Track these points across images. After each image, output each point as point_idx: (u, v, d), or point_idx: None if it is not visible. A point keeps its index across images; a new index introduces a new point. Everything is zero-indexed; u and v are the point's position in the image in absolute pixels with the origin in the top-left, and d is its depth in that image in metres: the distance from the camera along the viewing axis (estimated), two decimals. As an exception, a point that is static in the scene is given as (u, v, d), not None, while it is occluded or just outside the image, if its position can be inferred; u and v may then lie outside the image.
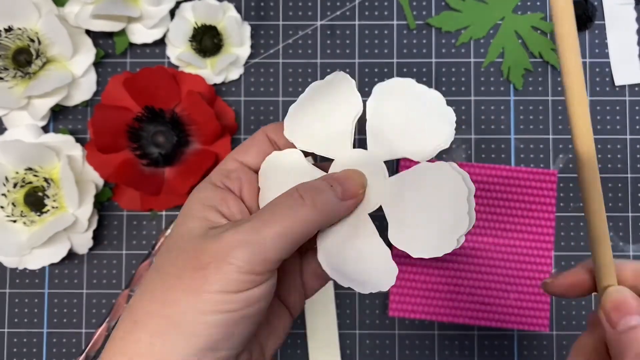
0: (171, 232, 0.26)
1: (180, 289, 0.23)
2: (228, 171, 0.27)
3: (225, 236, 0.24)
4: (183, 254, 0.24)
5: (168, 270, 0.24)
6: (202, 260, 0.23)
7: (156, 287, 0.24)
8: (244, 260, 0.23)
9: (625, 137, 0.47)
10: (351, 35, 0.47)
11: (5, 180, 0.43)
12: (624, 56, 0.47)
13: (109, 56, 0.48)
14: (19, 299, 0.46)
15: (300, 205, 0.24)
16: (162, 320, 0.23)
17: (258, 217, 0.24)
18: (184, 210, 0.26)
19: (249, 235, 0.23)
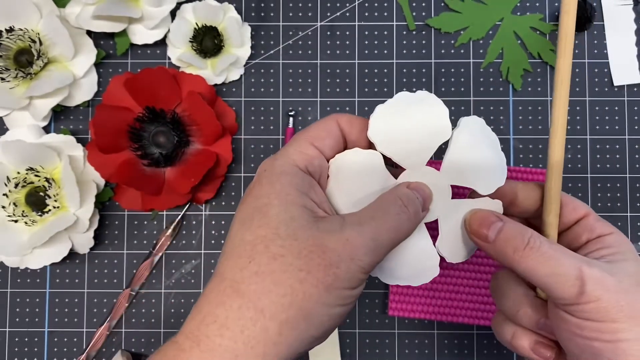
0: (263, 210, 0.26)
1: (313, 283, 0.25)
2: (311, 157, 0.28)
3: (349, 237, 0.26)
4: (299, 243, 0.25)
5: (290, 259, 0.25)
6: (332, 259, 0.25)
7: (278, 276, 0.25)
8: (367, 262, 0.26)
9: (624, 137, 0.47)
10: (351, 36, 0.48)
11: (6, 180, 0.43)
12: (622, 57, 0.47)
13: (110, 57, 0.48)
14: (20, 299, 0.47)
15: (406, 215, 0.27)
16: (294, 312, 0.24)
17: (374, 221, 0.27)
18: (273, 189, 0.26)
19: (370, 240, 0.26)
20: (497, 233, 0.28)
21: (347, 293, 0.26)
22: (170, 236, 0.46)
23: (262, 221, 0.26)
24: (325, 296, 0.25)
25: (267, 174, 0.27)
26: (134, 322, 0.46)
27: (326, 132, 0.29)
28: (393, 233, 0.27)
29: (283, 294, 0.24)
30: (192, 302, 0.46)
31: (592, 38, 0.47)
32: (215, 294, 0.25)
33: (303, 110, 0.47)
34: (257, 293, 0.24)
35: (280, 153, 0.28)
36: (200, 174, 0.43)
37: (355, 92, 0.47)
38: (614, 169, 0.47)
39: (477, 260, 0.45)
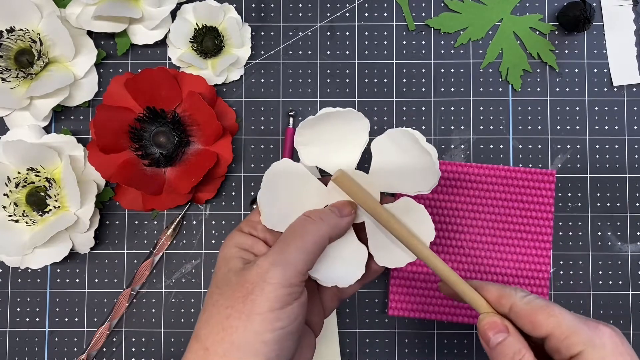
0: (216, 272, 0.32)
1: (236, 316, 0.28)
2: (255, 223, 0.33)
3: (258, 263, 0.29)
4: (230, 286, 0.29)
5: (221, 302, 0.29)
6: (247, 288, 0.28)
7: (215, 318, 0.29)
8: (278, 277, 0.28)
9: (623, 137, 0.47)
10: (351, 37, 0.48)
11: (7, 180, 0.43)
12: (622, 57, 0.47)
13: (111, 57, 0.48)
14: (21, 298, 0.47)
15: (311, 223, 0.31)
16: (228, 345, 0.28)
17: (280, 241, 0.30)
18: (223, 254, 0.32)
19: (276, 256, 0.29)
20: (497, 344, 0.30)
21: (272, 315, 0.28)
22: (170, 236, 0.46)
23: (213, 280, 0.31)
24: (249, 325, 0.28)
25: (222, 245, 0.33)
26: (134, 321, 0.46)
27: None
28: (299, 241, 0.30)
29: (217, 331, 0.28)
30: (192, 301, 0.46)
31: (591, 38, 0.47)
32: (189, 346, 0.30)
33: (303, 110, 0.47)
34: (205, 335, 0.29)
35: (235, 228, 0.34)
36: (201, 174, 0.43)
37: (355, 92, 0.47)
38: (614, 169, 0.47)
39: (476, 259, 0.45)
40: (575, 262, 0.46)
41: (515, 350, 0.29)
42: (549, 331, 0.29)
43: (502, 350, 0.30)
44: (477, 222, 0.45)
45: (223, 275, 0.31)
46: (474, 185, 0.45)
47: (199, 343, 0.29)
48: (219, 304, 0.29)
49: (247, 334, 0.28)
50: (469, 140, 0.47)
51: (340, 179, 0.33)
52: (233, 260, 0.31)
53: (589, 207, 0.46)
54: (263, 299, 0.28)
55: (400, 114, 0.47)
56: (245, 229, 0.34)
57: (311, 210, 0.32)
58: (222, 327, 0.28)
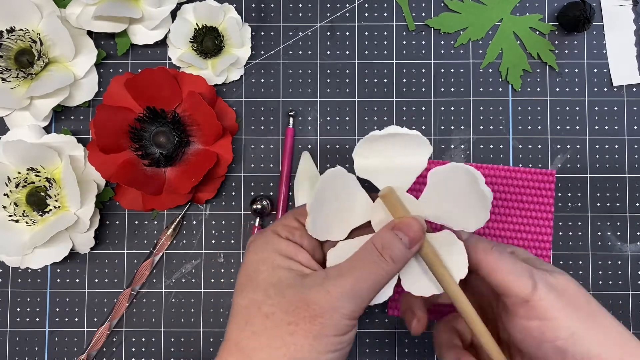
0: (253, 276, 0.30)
1: (302, 335, 0.28)
2: (293, 228, 0.32)
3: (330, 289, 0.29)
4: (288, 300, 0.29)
5: (280, 317, 0.29)
6: (316, 310, 0.28)
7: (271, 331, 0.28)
8: (350, 309, 0.29)
9: (623, 138, 0.47)
10: (351, 37, 0.48)
11: (7, 180, 0.43)
12: (621, 57, 0.47)
13: (111, 57, 0.48)
14: (21, 298, 0.47)
15: (383, 262, 0.30)
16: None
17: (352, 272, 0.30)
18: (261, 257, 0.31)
19: (350, 290, 0.29)
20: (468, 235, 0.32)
21: (336, 340, 0.29)
22: (170, 236, 0.46)
23: (253, 286, 0.30)
24: (315, 345, 0.28)
25: (254, 244, 0.32)
26: (134, 321, 0.46)
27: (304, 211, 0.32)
28: (371, 282, 0.30)
29: (277, 347, 0.28)
30: (192, 301, 0.46)
31: (591, 38, 0.47)
32: (224, 354, 0.29)
33: (303, 110, 0.47)
34: (255, 350, 0.28)
35: (267, 227, 0.33)
36: (201, 174, 0.43)
37: (355, 92, 0.47)
38: (614, 169, 0.47)
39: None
40: (575, 262, 0.46)
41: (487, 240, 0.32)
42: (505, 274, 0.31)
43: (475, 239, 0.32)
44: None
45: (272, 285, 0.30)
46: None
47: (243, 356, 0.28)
48: (276, 318, 0.29)
49: (311, 353, 0.28)
50: (469, 140, 0.47)
51: (388, 196, 0.32)
52: (281, 270, 0.30)
53: (589, 207, 0.46)
54: (332, 325, 0.28)
55: (400, 114, 0.47)
56: (283, 233, 0.32)
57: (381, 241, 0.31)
58: (283, 343, 0.28)
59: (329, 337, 0.28)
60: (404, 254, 0.31)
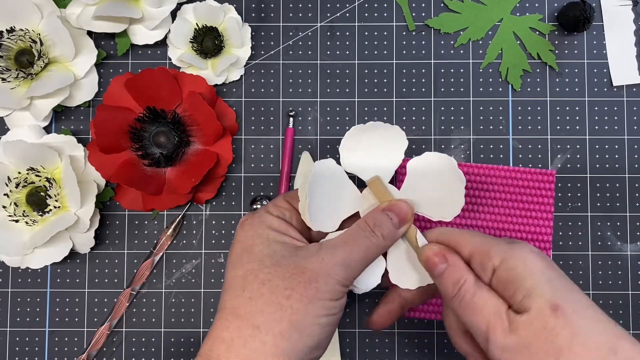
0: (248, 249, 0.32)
1: (298, 298, 0.29)
2: (284, 209, 0.34)
3: (324, 257, 0.31)
4: (284, 268, 0.30)
5: (276, 282, 0.30)
6: (311, 276, 0.30)
7: (268, 296, 0.30)
8: (342, 275, 0.31)
9: (623, 138, 0.47)
10: (351, 37, 0.48)
11: (7, 180, 0.43)
12: (621, 57, 0.47)
13: (111, 57, 0.48)
14: (21, 298, 0.47)
15: (374, 237, 0.32)
16: (286, 325, 0.29)
17: (346, 245, 0.32)
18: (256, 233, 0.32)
19: (343, 260, 0.31)
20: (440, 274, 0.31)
21: (330, 304, 0.30)
22: (170, 236, 0.46)
23: (249, 258, 0.31)
24: (310, 308, 0.29)
25: (248, 221, 0.33)
26: (134, 321, 0.46)
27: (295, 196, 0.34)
28: (362, 254, 0.32)
29: (274, 311, 0.29)
30: (192, 301, 0.46)
31: (591, 38, 0.47)
32: (221, 321, 0.30)
33: (303, 110, 0.47)
34: (252, 314, 0.29)
35: (259, 209, 0.35)
36: (201, 174, 0.43)
37: (355, 92, 0.47)
38: (613, 169, 0.47)
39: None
40: (575, 262, 0.46)
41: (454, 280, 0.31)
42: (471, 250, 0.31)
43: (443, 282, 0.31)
44: (477, 222, 0.45)
45: (268, 256, 0.31)
46: (474, 185, 0.45)
47: (241, 320, 0.29)
48: (272, 284, 0.30)
49: (307, 316, 0.29)
50: (469, 140, 0.47)
51: (374, 184, 0.35)
52: (276, 243, 0.32)
53: (589, 207, 0.46)
54: (327, 289, 0.30)
55: (400, 114, 0.47)
56: (274, 212, 0.34)
57: (372, 219, 0.33)
58: (280, 307, 0.29)
59: (323, 300, 0.30)
60: (393, 232, 0.33)
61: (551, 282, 0.28)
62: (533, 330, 0.27)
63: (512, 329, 0.28)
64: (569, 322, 0.27)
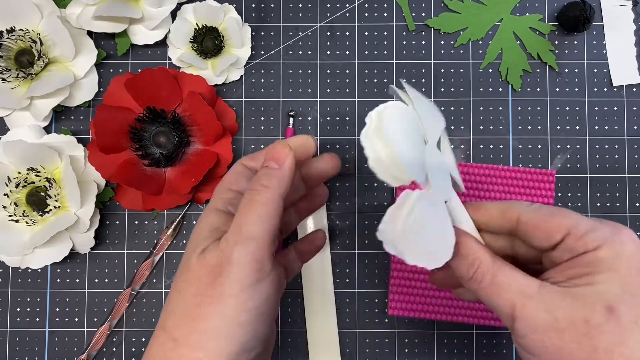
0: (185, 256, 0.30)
1: (207, 302, 0.27)
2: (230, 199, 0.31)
3: (220, 247, 0.28)
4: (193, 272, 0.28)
5: (187, 290, 0.28)
6: (214, 272, 0.27)
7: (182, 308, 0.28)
8: (242, 255, 0.27)
9: (623, 138, 0.47)
10: (351, 37, 0.48)
11: (7, 180, 0.43)
12: (621, 57, 0.47)
13: (111, 57, 0.48)
14: (21, 298, 0.47)
15: (255, 194, 0.29)
16: (200, 335, 0.27)
17: (235, 220, 0.28)
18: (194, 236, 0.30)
19: (236, 236, 0.28)
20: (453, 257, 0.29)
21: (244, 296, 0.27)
22: (170, 236, 0.46)
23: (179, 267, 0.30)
24: (221, 309, 0.27)
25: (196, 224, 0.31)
26: (134, 321, 0.46)
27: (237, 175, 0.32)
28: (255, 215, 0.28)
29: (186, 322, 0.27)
30: (192, 301, 0.46)
31: (591, 38, 0.47)
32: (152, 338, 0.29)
33: (303, 110, 0.47)
34: (172, 327, 0.28)
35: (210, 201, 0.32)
36: (201, 174, 0.43)
37: (355, 92, 0.47)
38: (613, 169, 0.47)
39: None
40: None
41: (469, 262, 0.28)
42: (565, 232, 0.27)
43: (456, 264, 0.29)
44: (477, 222, 0.45)
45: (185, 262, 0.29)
46: (474, 185, 0.45)
47: (165, 334, 0.28)
48: (184, 292, 0.28)
49: (221, 319, 0.27)
50: (469, 140, 0.47)
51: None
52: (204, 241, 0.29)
53: (589, 207, 0.46)
54: (232, 280, 0.27)
55: (400, 114, 0.47)
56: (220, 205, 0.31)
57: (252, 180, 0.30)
58: (191, 317, 0.27)
59: (234, 295, 0.27)
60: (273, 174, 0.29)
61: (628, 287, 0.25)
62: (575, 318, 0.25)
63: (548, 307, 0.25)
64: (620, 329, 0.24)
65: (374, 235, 0.47)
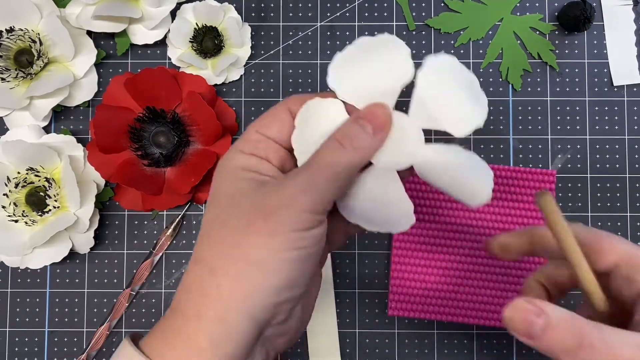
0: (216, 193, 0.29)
1: (255, 233, 0.26)
2: (255, 142, 0.30)
3: (286, 186, 0.27)
4: (243, 207, 0.27)
5: (234, 222, 0.27)
6: (269, 208, 0.26)
7: (225, 237, 0.27)
8: (307, 201, 0.26)
9: (623, 138, 0.47)
10: (351, 36, 0.48)
11: (7, 180, 0.43)
12: (622, 57, 0.47)
13: (110, 57, 0.48)
14: (20, 299, 0.47)
15: (341, 151, 0.27)
16: (243, 264, 0.26)
17: (309, 166, 0.27)
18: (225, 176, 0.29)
19: (307, 183, 0.26)
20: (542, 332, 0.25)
21: (297, 235, 0.26)
22: (170, 236, 0.46)
23: (214, 203, 0.28)
24: (271, 242, 0.26)
25: (218, 167, 0.30)
26: (134, 322, 0.46)
27: (271, 118, 0.31)
28: (330, 173, 0.27)
29: (230, 251, 0.26)
30: (192, 302, 0.46)
31: (591, 38, 0.47)
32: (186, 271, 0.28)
33: (303, 110, 0.47)
34: (211, 257, 0.27)
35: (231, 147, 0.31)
36: (201, 174, 0.43)
37: (355, 92, 0.47)
38: (614, 169, 0.47)
39: (476, 259, 0.45)
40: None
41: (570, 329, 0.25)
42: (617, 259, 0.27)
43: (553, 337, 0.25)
44: (477, 222, 0.45)
45: (230, 196, 0.28)
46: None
47: (200, 265, 0.27)
48: (230, 224, 0.27)
49: (268, 251, 0.26)
50: (469, 140, 0.47)
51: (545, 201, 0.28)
52: (241, 181, 0.28)
53: (589, 207, 0.46)
54: (288, 219, 0.26)
55: (400, 114, 0.47)
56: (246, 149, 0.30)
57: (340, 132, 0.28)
58: (237, 245, 0.26)
59: (285, 233, 0.26)
60: (367, 141, 0.28)
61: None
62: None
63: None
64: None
65: (374, 235, 0.47)
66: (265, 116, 0.31)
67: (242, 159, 0.29)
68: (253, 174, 0.28)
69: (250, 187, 0.28)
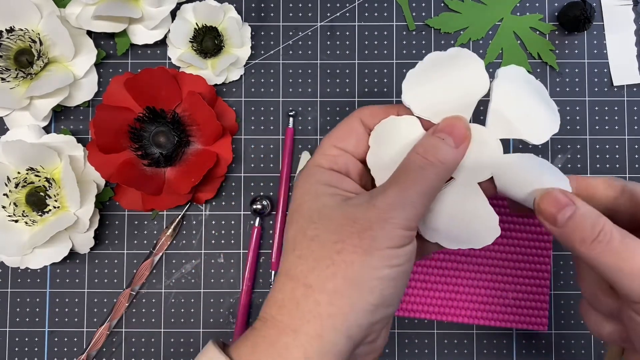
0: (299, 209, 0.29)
1: (351, 250, 0.26)
2: (334, 157, 0.30)
3: (376, 202, 0.27)
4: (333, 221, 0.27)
5: (324, 237, 0.27)
6: (363, 225, 0.26)
7: (318, 253, 0.27)
8: (401, 217, 0.26)
9: (623, 137, 0.47)
10: (351, 36, 0.48)
11: (7, 180, 0.43)
12: (622, 57, 0.47)
13: (110, 57, 0.48)
14: (20, 299, 0.47)
15: (429, 165, 0.27)
16: (341, 282, 0.26)
17: (396, 183, 0.27)
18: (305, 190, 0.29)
19: (398, 198, 0.27)
20: (567, 219, 0.26)
21: (391, 253, 0.26)
22: (170, 236, 0.46)
23: (298, 216, 0.28)
24: (367, 260, 0.26)
25: (298, 181, 0.30)
26: (134, 322, 0.46)
27: (347, 131, 0.31)
28: (419, 187, 0.27)
29: (325, 267, 0.26)
30: (192, 301, 0.46)
31: (591, 38, 0.47)
32: (276, 284, 0.28)
33: (303, 110, 0.47)
34: (303, 273, 0.26)
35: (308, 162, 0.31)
36: (201, 174, 0.43)
37: (355, 92, 0.47)
38: (614, 169, 0.47)
39: (477, 260, 0.45)
40: (576, 262, 0.46)
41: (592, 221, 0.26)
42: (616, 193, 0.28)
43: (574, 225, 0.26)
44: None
45: (316, 211, 0.28)
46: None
47: (293, 281, 0.27)
48: (321, 239, 0.27)
49: (364, 269, 0.26)
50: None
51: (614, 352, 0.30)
52: (325, 196, 0.28)
53: (589, 207, 0.46)
54: (383, 236, 0.26)
55: (400, 114, 0.47)
56: (325, 164, 0.30)
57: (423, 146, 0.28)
58: (331, 262, 0.26)
59: (381, 250, 0.26)
60: (450, 153, 0.28)
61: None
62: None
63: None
64: None
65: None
66: (339, 129, 0.31)
67: (322, 175, 0.29)
68: (335, 189, 0.29)
69: (335, 202, 0.28)
